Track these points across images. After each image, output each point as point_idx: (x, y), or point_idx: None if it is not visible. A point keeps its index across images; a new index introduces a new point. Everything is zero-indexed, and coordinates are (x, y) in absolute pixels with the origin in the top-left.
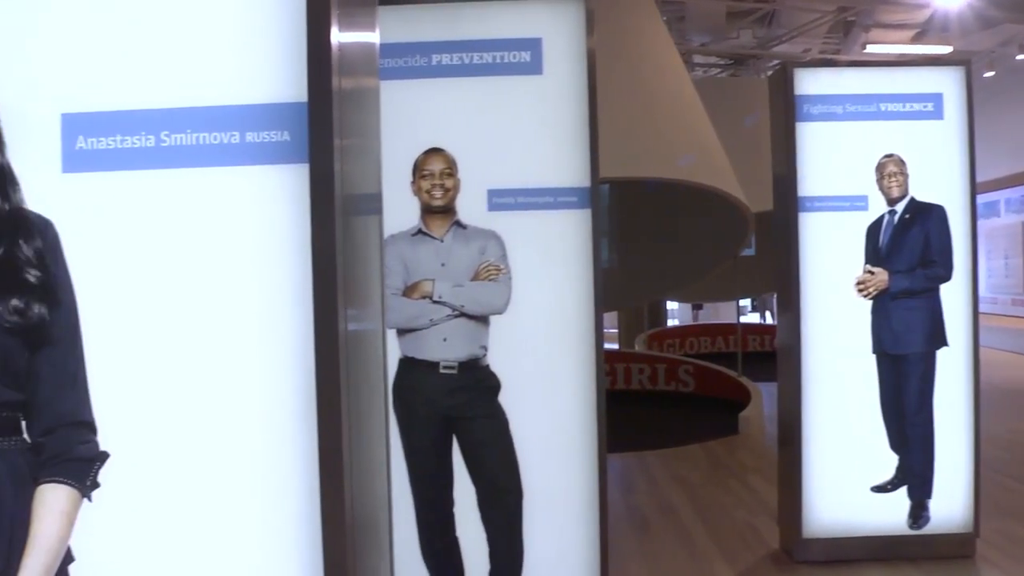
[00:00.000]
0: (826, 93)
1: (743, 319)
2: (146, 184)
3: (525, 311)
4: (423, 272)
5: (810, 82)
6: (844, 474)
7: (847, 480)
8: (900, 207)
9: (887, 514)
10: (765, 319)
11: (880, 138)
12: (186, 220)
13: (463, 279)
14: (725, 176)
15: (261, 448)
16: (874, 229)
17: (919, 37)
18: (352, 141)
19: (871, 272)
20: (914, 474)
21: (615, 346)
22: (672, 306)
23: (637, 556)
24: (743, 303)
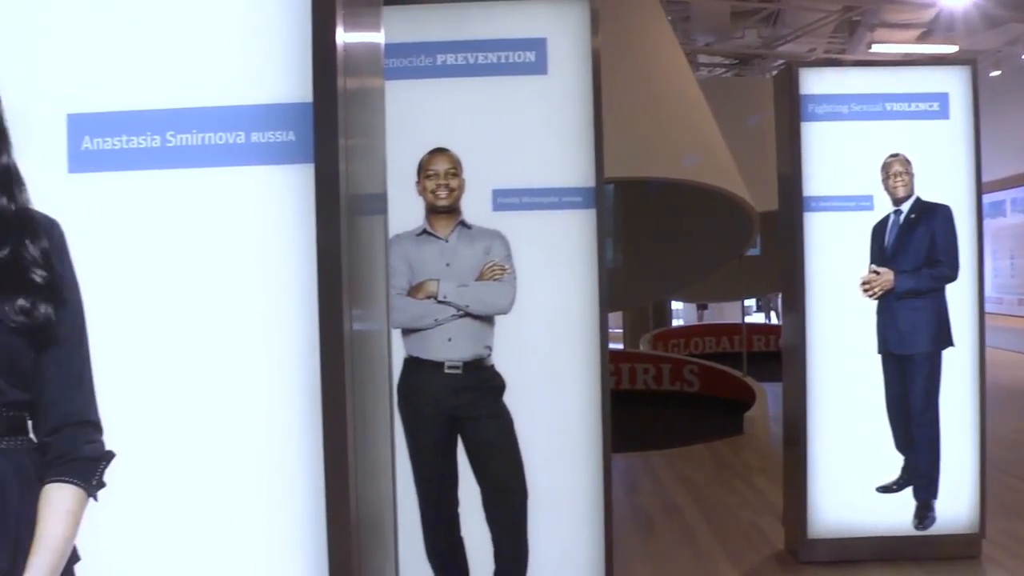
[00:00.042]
0: (831, 93)
1: (748, 319)
2: (151, 184)
3: (530, 311)
4: (428, 272)
5: (815, 82)
6: (849, 474)
7: (852, 480)
8: (906, 207)
9: (892, 514)
10: (770, 319)
11: (885, 138)
12: (191, 220)
13: (468, 279)
14: (730, 176)
15: (266, 448)
16: (879, 229)
17: (925, 36)
18: (357, 141)
19: (876, 272)
20: (920, 474)
21: (620, 346)
22: (677, 306)
23: (642, 556)
24: (748, 303)
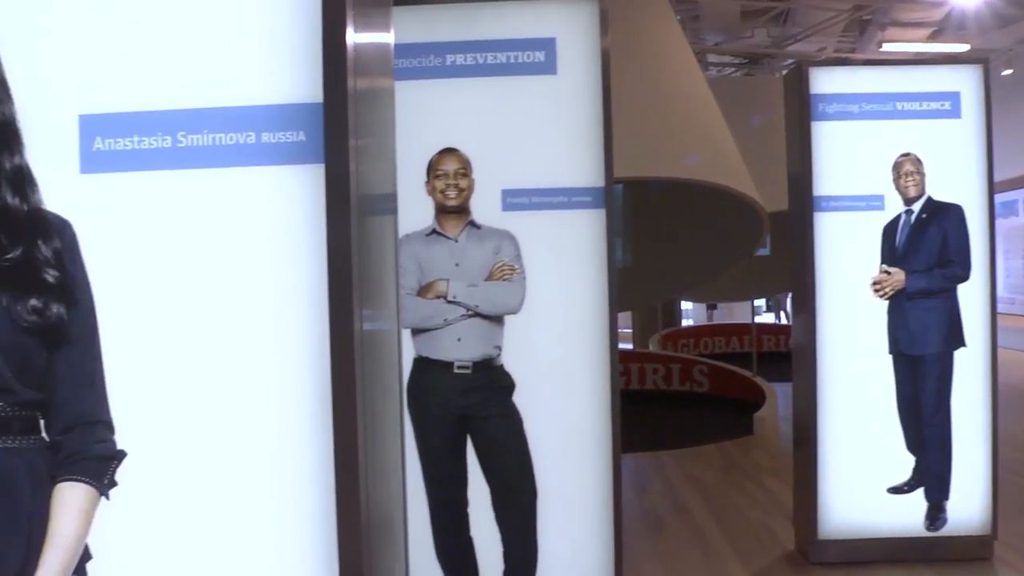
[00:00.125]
0: (842, 92)
1: (758, 319)
2: (163, 184)
3: (539, 311)
4: (437, 272)
5: (825, 81)
6: (860, 475)
7: (863, 481)
8: (917, 206)
9: (904, 515)
10: (780, 319)
11: (896, 137)
12: (203, 220)
13: (477, 279)
14: (740, 176)
15: (277, 447)
16: (891, 229)
17: (936, 35)
18: (367, 141)
19: (887, 272)
20: (931, 475)
21: (629, 346)
22: (686, 306)
23: (651, 556)
24: (758, 303)
